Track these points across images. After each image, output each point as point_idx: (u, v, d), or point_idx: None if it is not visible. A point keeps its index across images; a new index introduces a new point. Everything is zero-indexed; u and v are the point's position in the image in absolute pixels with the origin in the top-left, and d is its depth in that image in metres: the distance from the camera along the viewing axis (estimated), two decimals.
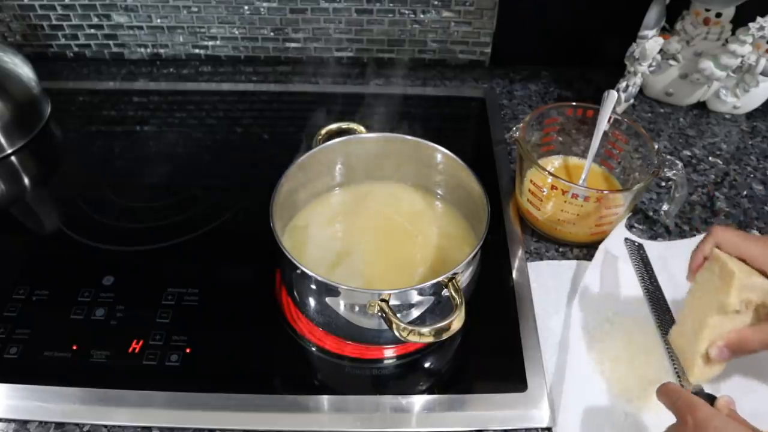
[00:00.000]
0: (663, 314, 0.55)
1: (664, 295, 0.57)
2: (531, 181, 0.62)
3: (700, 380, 0.47)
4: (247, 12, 0.85)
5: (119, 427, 0.49)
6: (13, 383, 0.51)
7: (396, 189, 0.63)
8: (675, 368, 0.50)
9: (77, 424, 0.49)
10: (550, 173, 0.58)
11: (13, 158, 0.74)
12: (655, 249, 0.62)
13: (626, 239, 0.60)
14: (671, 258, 0.60)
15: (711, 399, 0.41)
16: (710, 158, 0.75)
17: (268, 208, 0.50)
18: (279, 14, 0.85)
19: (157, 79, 0.87)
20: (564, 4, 0.82)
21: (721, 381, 0.51)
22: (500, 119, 0.81)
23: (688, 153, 0.76)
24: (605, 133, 0.64)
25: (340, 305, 0.48)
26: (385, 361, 0.54)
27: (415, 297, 0.47)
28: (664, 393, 0.42)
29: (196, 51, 0.90)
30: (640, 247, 0.60)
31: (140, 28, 0.87)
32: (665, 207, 0.65)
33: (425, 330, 0.43)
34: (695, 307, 0.47)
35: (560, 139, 0.69)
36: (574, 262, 0.62)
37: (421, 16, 0.84)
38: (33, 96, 0.77)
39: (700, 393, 0.44)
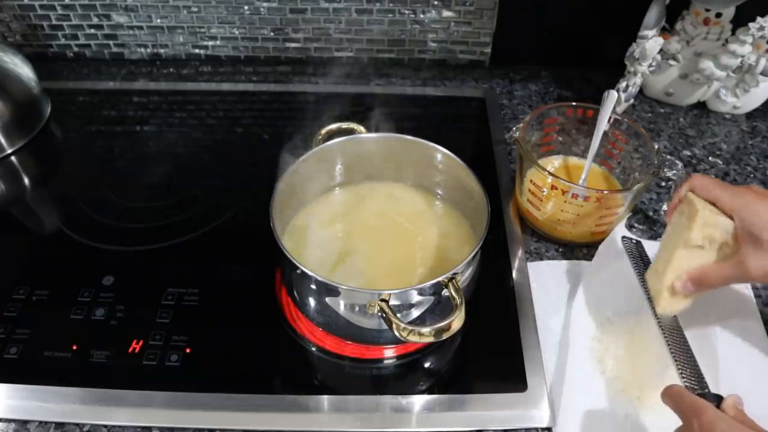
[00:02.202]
0: (667, 318, 0.54)
1: None
2: (531, 181, 0.62)
3: (666, 311, 0.49)
4: (247, 12, 0.85)
5: (119, 427, 0.49)
6: (13, 383, 0.51)
7: (396, 189, 0.63)
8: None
9: (77, 424, 0.49)
10: (550, 173, 0.58)
11: (13, 158, 0.74)
12: (654, 249, 0.62)
13: (623, 237, 0.60)
14: None
15: (719, 399, 0.41)
16: (710, 158, 0.75)
17: (268, 208, 0.50)
18: (279, 14, 0.85)
19: (157, 79, 0.87)
20: (564, 4, 0.82)
21: (721, 379, 0.51)
22: (500, 119, 0.81)
23: (688, 153, 0.76)
24: (605, 133, 0.64)
25: (340, 305, 0.48)
26: (385, 361, 0.54)
27: (415, 297, 0.47)
28: (669, 396, 0.42)
29: (196, 51, 0.90)
30: (638, 243, 0.60)
31: (140, 28, 0.87)
32: (665, 207, 0.65)
33: (425, 330, 0.43)
34: (666, 246, 0.50)
35: (560, 139, 0.69)
36: (574, 262, 0.62)
37: (421, 16, 0.84)
38: (33, 96, 0.77)
39: (707, 393, 0.44)
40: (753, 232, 0.45)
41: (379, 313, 0.45)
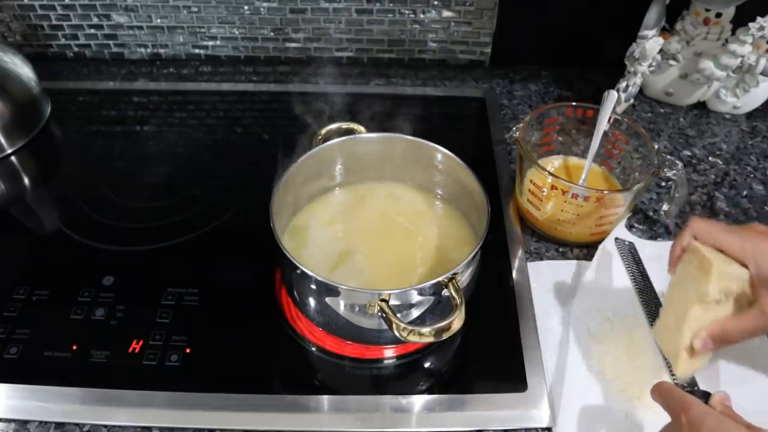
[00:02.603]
0: (654, 313, 0.54)
1: (656, 293, 0.56)
2: (531, 181, 0.62)
3: (686, 374, 0.46)
4: (247, 12, 0.85)
5: (119, 427, 0.49)
6: (13, 383, 0.51)
7: (396, 189, 0.63)
8: (667, 364, 0.50)
9: (77, 424, 0.49)
10: (550, 173, 0.58)
11: (13, 158, 0.74)
12: (653, 249, 0.62)
13: (617, 239, 0.60)
14: None
15: (707, 396, 0.41)
16: (710, 158, 0.75)
17: (268, 208, 0.50)
18: (279, 14, 0.85)
19: (157, 79, 0.87)
20: (564, 4, 0.82)
21: (718, 376, 0.51)
22: (500, 119, 0.81)
23: (688, 153, 0.76)
24: (605, 133, 0.64)
25: (340, 305, 0.48)
26: (385, 361, 0.54)
27: (415, 297, 0.47)
28: (658, 392, 0.42)
29: (196, 51, 0.90)
30: (631, 246, 0.60)
31: (140, 28, 0.87)
32: (665, 207, 0.65)
33: (425, 330, 0.43)
34: (676, 300, 0.47)
35: (560, 139, 0.69)
36: (574, 262, 0.62)
37: (421, 16, 0.84)
38: (33, 96, 0.77)
39: (695, 390, 0.44)
40: None
41: (379, 313, 0.45)
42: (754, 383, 0.51)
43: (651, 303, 0.56)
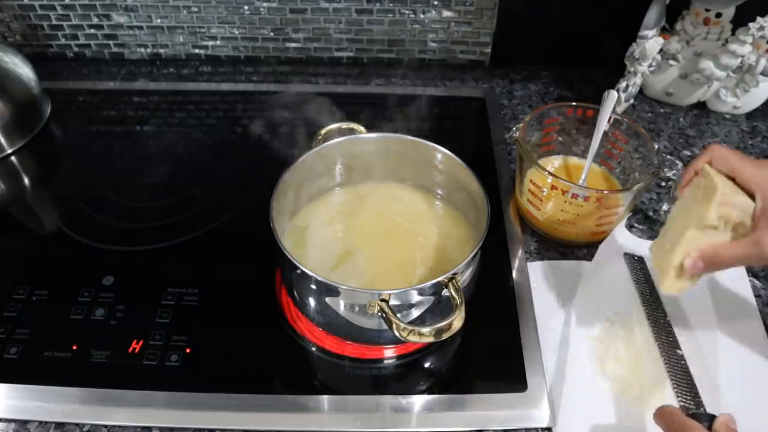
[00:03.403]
0: (662, 331, 0.53)
1: (665, 309, 0.55)
2: (531, 181, 0.62)
3: (671, 291, 0.46)
4: (247, 12, 0.85)
5: (119, 427, 0.49)
6: (13, 383, 0.51)
7: (396, 189, 0.63)
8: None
9: (77, 424, 0.49)
10: (550, 173, 0.58)
11: (13, 158, 0.74)
12: None
13: (625, 254, 0.60)
14: None
15: (712, 418, 0.41)
16: None
17: (268, 208, 0.50)
18: (279, 14, 0.85)
19: (157, 79, 0.87)
20: (564, 4, 0.82)
21: (721, 379, 0.51)
22: (500, 119, 0.81)
23: (688, 153, 0.76)
24: (605, 133, 0.64)
25: (340, 305, 0.48)
26: (385, 361, 0.54)
27: (415, 297, 0.47)
28: (660, 416, 0.42)
29: (196, 51, 0.90)
30: (641, 260, 0.60)
31: (140, 28, 0.87)
32: (665, 207, 0.65)
33: (425, 330, 0.43)
34: (677, 220, 0.46)
35: (560, 139, 0.69)
36: (574, 262, 0.62)
37: (421, 16, 0.84)
38: (33, 96, 0.77)
39: (700, 413, 0.44)
40: None
41: (379, 313, 0.45)
42: (755, 383, 0.51)
43: (659, 318, 0.55)
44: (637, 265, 0.59)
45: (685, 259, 0.44)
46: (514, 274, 0.60)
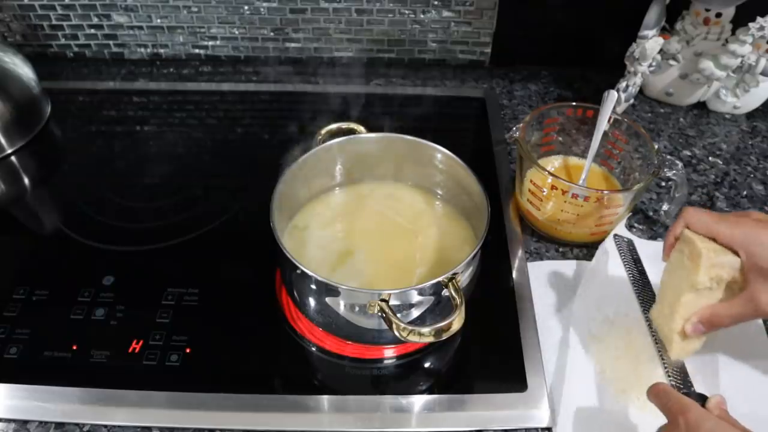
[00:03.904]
0: (649, 308, 0.54)
1: (653, 290, 0.56)
2: (531, 181, 0.62)
3: (680, 356, 0.48)
4: (247, 12, 0.85)
5: (119, 427, 0.49)
6: (13, 383, 0.51)
7: (396, 189, 0.63)
8: (656, 345, 0.50)
9: (77, 424, 0.49)
10: (550, 173, 0.58)
11: (13, 158, 0.74)
12: (653, 249, 0.61)
13: (615, 235, 0.60)
14: None
15: (703, 399, 0.41)
16: (710, 158, 0.75)
17: (268, 208, 0.50)
18: (279, 14, 0.85)
19: (157, 79, 0.87)
20: (564, 4, 0.82)
21: (714, 381, 0.51)
22: (500, 119, 0.81)
23: (688, 153, 0.76)
24: (605, 133, 0.64)
25: (340, 305, 0.48)
26: (385, 361, 0.54)
27: (415, 297, 0.47)
28: (655, 394, 0.42)
29: (196, 51, 0.90)
30: (630, 242, 0.60)
31: (140, 28, 0.87)
32: (665, 207, 0.65)
33: (425, 330, 0.43)
34: (670, 287, 0.48)
35: (560, 139, 0.69)
36: (574, 262, 0.62)
37: (421, 16, 0.84)
38: (33, 96, 0.77)
39: (691, 392, 0.44)
40: (761, 265, 0.43)
41: (379, 313, 0.45)
42: (749, 385, 0.51)
43: (648, 300, 0.56)
44: (625, 246, 0.59)
45: (686, 325, 0.46)
46: (514, 274, 0.60)
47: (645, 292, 0.56)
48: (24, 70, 0.76)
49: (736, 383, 0.51)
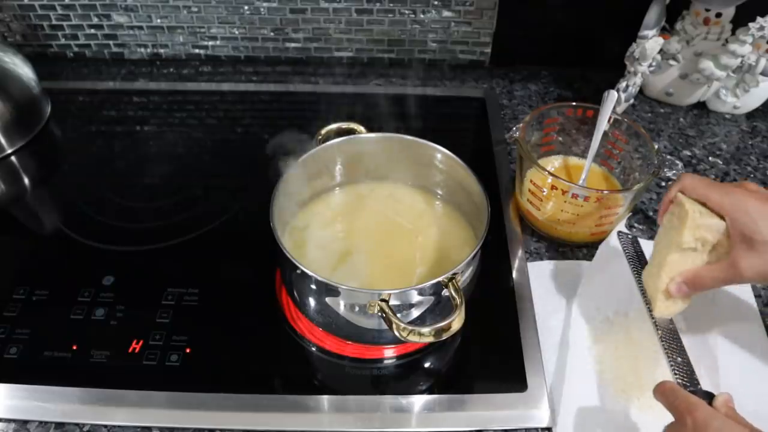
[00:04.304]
0: (663, 323, 0.54)
1: None
2: (531, 181, 0.62)
3: (663, 314, 0.49)
4: (247, 12, 0.85)
5: (119, 427, 0.49)
6: (13, 383, 0.51)
7: (396, 189, 0.63)
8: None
9: (77, 424, 0.49)
10: (550, 173, 0.58)
11: (13, 158, 0.74)
12: (651, 248, 0.61)
13: (619, 232, 0.60)
14: None
15: (710, 396, 0.41)
16: (710, 158, 0.75)
17: (268, 208, 0.50)
18: (279, 14, 0.85)
19: (157, 79, 0.87)
20: (564, 4, 0.82)
21: (721, 379, 0.51)
22: (500, 119, 0.81)
23: (688, 153, 0.76)
24: (605, 133, 0.64)
25: (340, 305, 0.48)
26: (385, 361, 0.54)
27: (415, 297, 0.47)
28: (662, 392, 0.42)
29: (196, 51, 0.90)
30: (634, 239, 0.60)
31: (140, 28, 0.87)
32: None
33: (425, 330, 0.43)
34: (659, 248, 0.49)
35: (560, 139, 0.69)
36: (574, 262, 0.62)
37: (421, 16, 0.84)
38: (33, 96, 0.77)
39: (697, 390, 0.44)
40: (744, 232, 0.43)
41: (379, 313, 0.45)
42: (755, 383, 0.51)
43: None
44: (629, 242, 0.58)
45: (669, 285, 0.48)
46: (514, 274, 0.60)
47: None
48: (24, 70, 0.76)
49: (740, 381, 0.51)
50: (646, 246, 0.61)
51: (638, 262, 0.57)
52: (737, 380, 0.51)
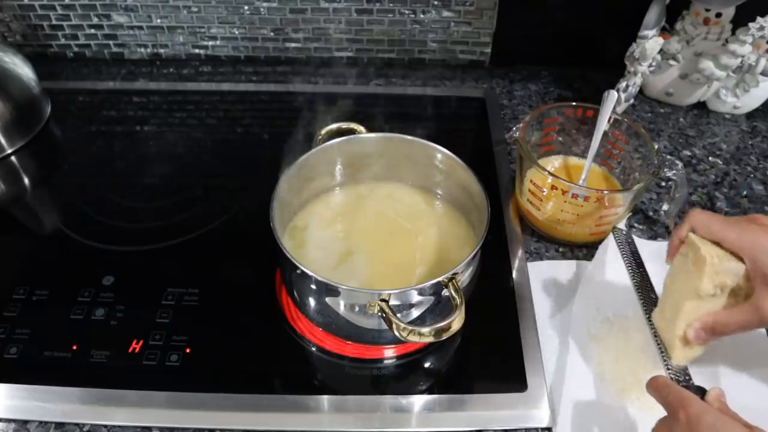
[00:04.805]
0: (648, 303, 0.53)
1: (651, 284, 0.54)
2: (531, 181, 0.62)
3: (682, 361, 0.47)
4: (247, 12, 0.85)
5: (119, 427, 0.49)
6: (13, 383, 0.51)
7: (396, 189, 0.63)
8: (659, 346, 0.50)
9: (77, 424, 0.49)
10: (550, 173, 0.58)
11: (13, 158, 0.74)
12: (653, 248, 0.62)
13: (615, 228, 0.59)
14: None
15: (702, 391, 0.41)
16: (710, 158, 0.75)
17: (268, 208, 0.50)
18: (279, 14, 0.85)
19: (157, 79, 0.87)
20: (564, 4, 0.82)
21: (713, 374, 0.51)
22: (500, 119, 0.81)
23: (688, 153, 0.76)
24: (605, 133, 0.64)
25: (340, 305, 0.48)
26: (385, 361, 0.54)
27: (415, 297, 0.47)
28: (655, 387, 0.42)
29: (196, 51, 0.90)
30: (628, 235, 0.59)
31: (140, 28, 0.87)
32: (665, 207, 0.65)
33: (425, 330, 0.43)
34: (672, 291, 0.47)
35: (560, 139, 0.69)
36: (574, 262, 0.62)
37: (421, 16, 0.84)
38: (33, 96, 0.77)
39: (690, 385, 0.44)
40: (766, 272, 0.41)
41: (379, 313, 0.45)
42: (748, 377, 0.51)
43: (646, 292, 0.55)
44: (623, 238, 0.58)
45: (687, 331, 0.45)
46: (514, 274, 0.60)
47: (644, 285, 0.54)
48: (24, 70, 0.76)
49: (737, 378, 0.51)
50: (647, 245, 0.62)
51: (632, 257, 0.57)
52: (734, 378, 0.51)
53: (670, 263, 0.48)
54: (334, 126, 0.59)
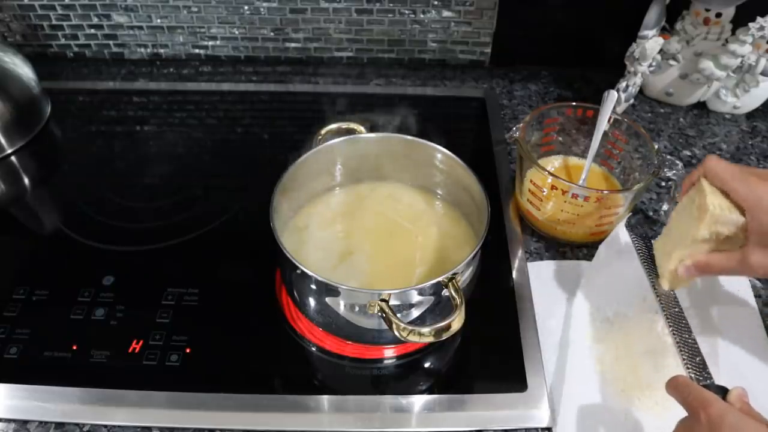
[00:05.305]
0: (672, 307, 0.51)
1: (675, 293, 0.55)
2: (531, 181, 0.62)
3: (666, 287, 0.50)
4: (247, 12, 0.85)
5: (119, 427, 0.49)
6: (13, 383, 0.51)
7: (396, 189, 0.63)
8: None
9: (77, 424, 0.49)
10: (550, 173, 0.58)
11: (13, 158, 0.74)
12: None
13: (633, 236, 0.59)
14: None
15: (723, 391, 0.40)
16: None
17: (268, 208, 0.50)
18: (279, 14, 0.85)
19: (157, 79, 0.87)
20: (564, 4, 0.82)
21: (734, 374, 0.51)
22: (500, 119, 0.81)
23: (688, 153, 0.76)
24: (605, 133, 0.64)
25: (340, 305, 0.48)
26: (385, 361, 0.54)
27: (415, 297, 0.47)
28: (674, 387, 0.41)
29: (196, 51, 0.90)
30: (648, 241, 0.59)
31: (140, 28, 0.87)
32: (665, 207, 0.65)
33: (425, 330, 0.43)
34: (674, 228, 0.50)
35: (560, 139, 0.69)
36: (574, 262, 0.62)
37: (421, 16, 0.84)
38: (33, 96, 0.77)
39: (710, 384, 0.43)
40: (764, 231, 0.42)
41: (379, 313, 0.45)
42: (754, 382, 0.51)
43: (669, 302, 0.54)
44: (642, 245, 0.58)
45: (679, 266, 0.48)
46: (514, 274, 0.60)
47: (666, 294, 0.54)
48: (24, 70, 0.76)
49: (739, 381, 0.51)
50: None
51: (652, 264, 0.56)
52: (738, 380, 0.51)
53: (679, 201, 0.50)
54: (334, 126, 0.59)
